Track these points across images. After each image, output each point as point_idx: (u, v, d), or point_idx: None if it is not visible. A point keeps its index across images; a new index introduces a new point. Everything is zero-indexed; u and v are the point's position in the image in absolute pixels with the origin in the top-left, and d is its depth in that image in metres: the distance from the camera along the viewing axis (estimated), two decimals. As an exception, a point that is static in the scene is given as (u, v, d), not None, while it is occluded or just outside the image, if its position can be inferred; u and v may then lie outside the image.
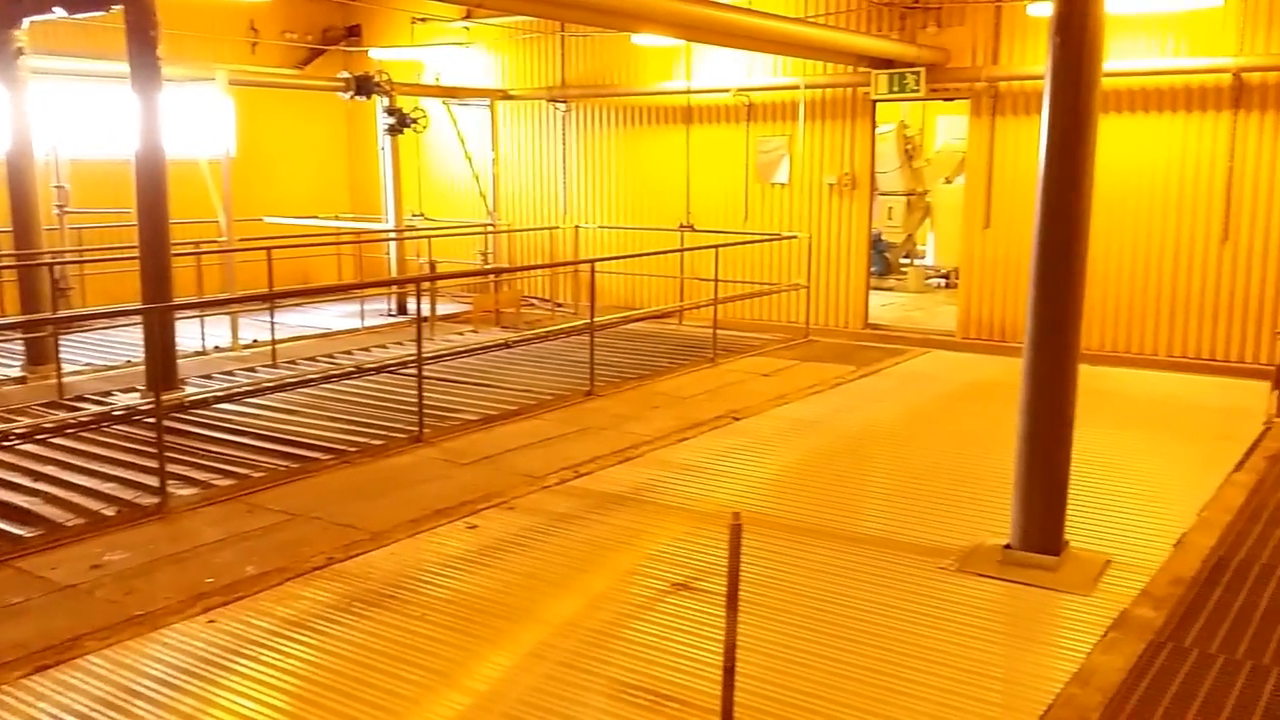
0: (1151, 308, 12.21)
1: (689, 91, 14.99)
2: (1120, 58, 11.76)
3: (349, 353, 12.33)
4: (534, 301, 16.63)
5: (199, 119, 15.06)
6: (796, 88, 14.14)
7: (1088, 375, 10.03)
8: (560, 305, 16.36)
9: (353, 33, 18.55)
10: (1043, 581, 5.72)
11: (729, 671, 3.31)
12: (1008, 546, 6.02)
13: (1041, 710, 4.40)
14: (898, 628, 5.19)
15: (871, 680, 4.67)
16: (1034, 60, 12.11)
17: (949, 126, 19.03)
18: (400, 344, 12.65)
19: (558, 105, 16.53)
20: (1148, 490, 7.36)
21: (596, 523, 6.69)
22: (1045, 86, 5.79)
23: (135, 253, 10.04)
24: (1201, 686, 4.58)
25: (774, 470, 7.89)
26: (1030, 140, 11.89)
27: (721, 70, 14.75)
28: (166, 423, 8.14)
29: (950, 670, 4.76)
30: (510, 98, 16.94)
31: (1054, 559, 5.85)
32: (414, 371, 9.07)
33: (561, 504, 7.04)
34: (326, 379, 10.78)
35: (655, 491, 7.32)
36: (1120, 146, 12.01)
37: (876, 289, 16.22)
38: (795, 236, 14.28)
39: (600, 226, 16.27)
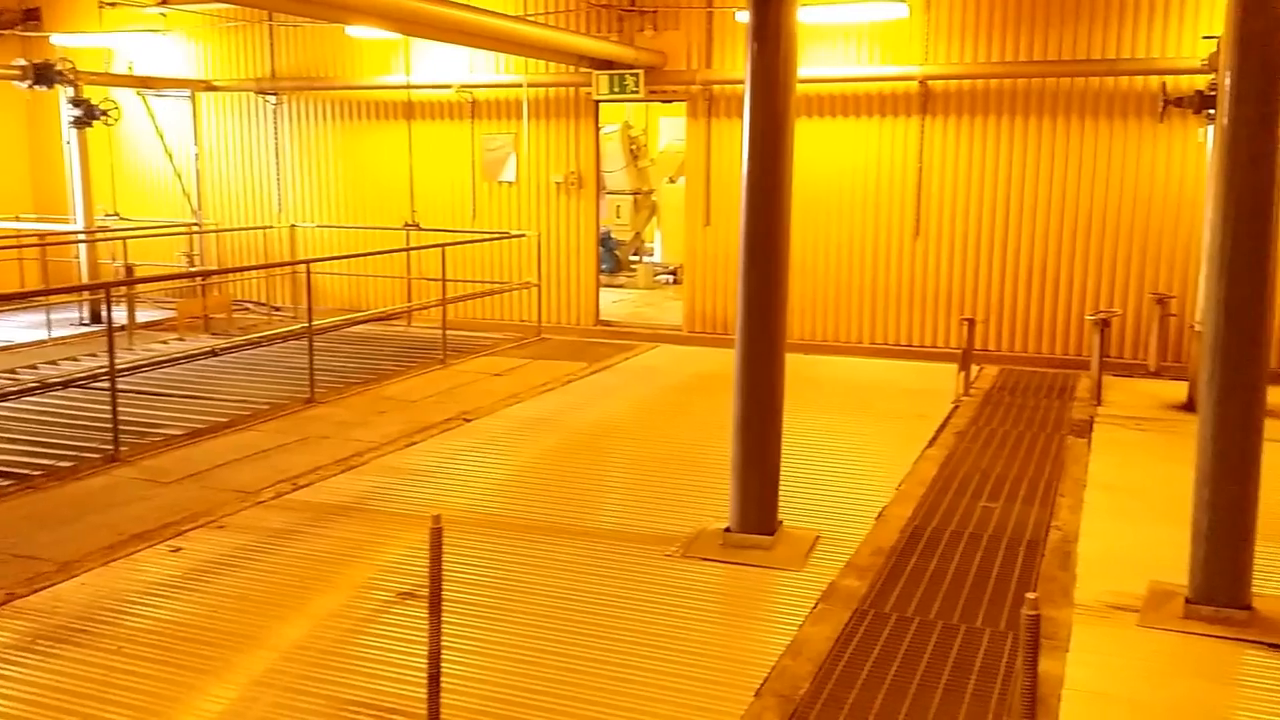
0: (855, 299, 13.10)
1: (409, 86, 14.65)
2: (820, 64, 12.52)
3: (34, 366, 11.20)
4: (248, 306, 15.71)
5: None
6: (519, 85, 14.13)
7: (798, 364, 10.58)
8: (277, 309, 15.54)
9: (31, 16, 16.80)
10: (759, 561, 5.98)
11: (434, 679, 3.22)
12: (728, 530, 6.26)
13: (757, 684, 4.58)
14: (624, 618, 5.27)
15: (596, 672, 4.71)
16: (744, 65, 12.68)
17: (671, 127, 19.64)
18: (94, 355, 11.61)
19: (268, 98, 15.71)
20: (853, 468, 7.87)
21: (318, 537, 6.39)
22: (745, 91, 6.05)
23: None
24: (900, 647, 4.93)
25: (507, 471, 7.83)
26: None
27: (443, 66, 14.51)
28: None
29: (673, 654, 4.88)
30: (214, 89, 15.92)
31: (769, 538, 6.13)
32: (107, 385, 8.33)
33: (278, 519, 6.68)
34: (4, 396, 9.74)
35: (383, 500, 7.09)
36: (822, 148, 12.80)
37: (607, 286, 16.50)
38: (524, 235, 14.28)
39: (319, 225, 15.61)
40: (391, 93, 14.93)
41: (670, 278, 18.16)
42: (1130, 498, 7.17)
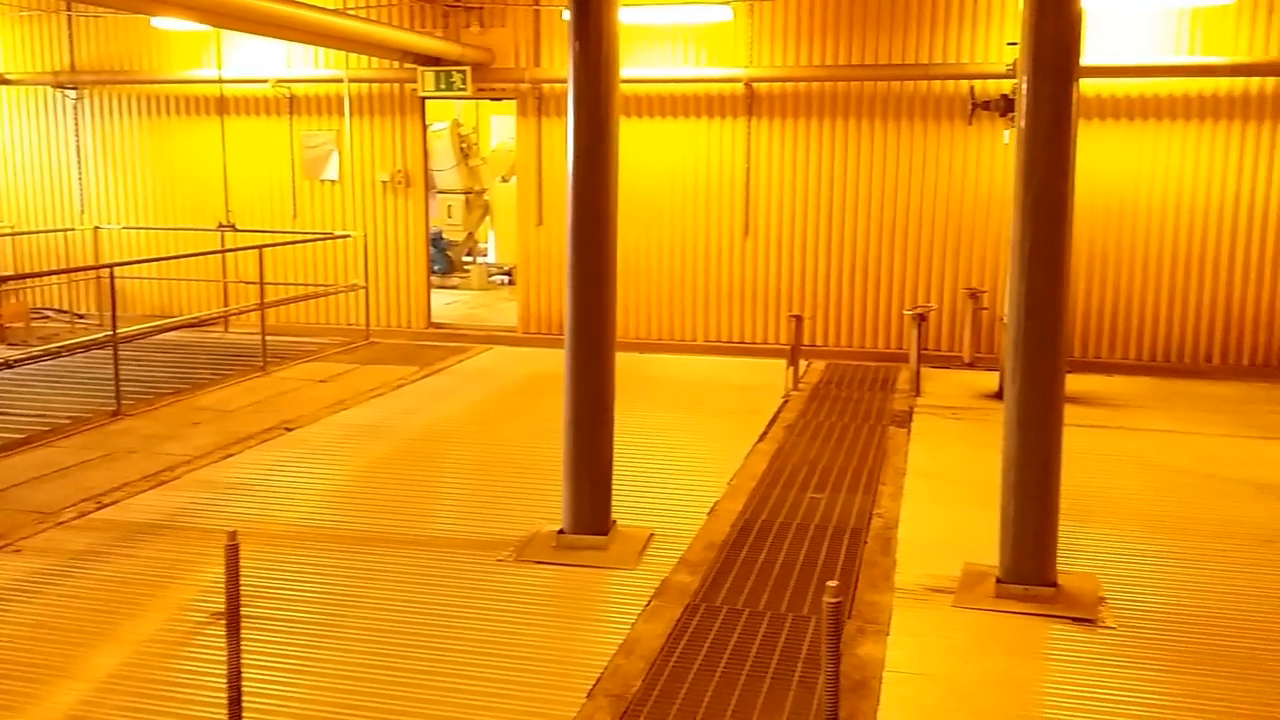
0: (688, 297, 13.26)
1: (221, 81, 13.99)
2: (647, 65, 12.61)
3: None
4: (48, 314, 14.68)
5: None
6: (341, 81, 13.69)
7: (633, 362, 10.63)
8: (81, 317, 14.58)
9: None
10: (593, 561, 5.96)
11: (234, 702, 3.05)
12: (561, 531, 6.21)
13: (589, 685, 4.55)
14: (455, 626, 5.16)
15: (425, 683, 4.59)
16: (571, 64, 12.64)
17: (503, 126, 19.43)
18: None
19: (67, 92, 14.72)
20: (686, 465, 7.95)
21: (126, 558, 6.02)
22: (569, 90, 6.01)
23: None
24: (730, 639, 4.99)
25: (333, 481, 7.55)
26: (572, 140, 12.38)
27: (258, 59, 13.91)
28: None
29: (505, 660, 4.80)
30: (6, 83, 14.79)
31: (603, 538, 6.12)
32: (-116, 402, 7.65)
33: (81, 540, 6.25)
34: None
35: (197, 516, 6.73)
36: (652, 149, 12.89)
37: (440, 287, 16.18)
38: (349, 236, 13.84)
39: (125, 227, 14.71)
40: (202, 87, 14.22)
41: (505, 278, 17.97)
42: (947, 484, 7.49)
